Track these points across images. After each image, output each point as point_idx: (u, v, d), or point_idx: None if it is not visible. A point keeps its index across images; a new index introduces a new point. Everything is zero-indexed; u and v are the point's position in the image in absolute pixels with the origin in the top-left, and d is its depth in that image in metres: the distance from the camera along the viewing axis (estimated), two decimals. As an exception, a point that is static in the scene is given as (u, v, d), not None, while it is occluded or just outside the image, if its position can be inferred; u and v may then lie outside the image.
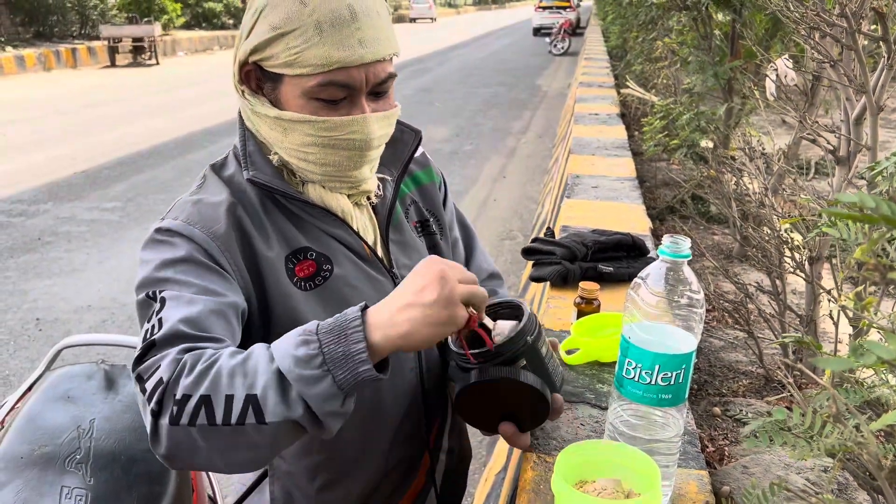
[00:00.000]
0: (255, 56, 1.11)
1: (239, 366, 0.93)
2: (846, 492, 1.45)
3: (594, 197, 3.17)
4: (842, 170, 1.91)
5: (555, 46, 21.56)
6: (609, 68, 9.87)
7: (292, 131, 1.12)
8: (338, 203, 1.20)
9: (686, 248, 1.07)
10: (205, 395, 0.92)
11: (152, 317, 1.01)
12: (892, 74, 1.75)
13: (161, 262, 1.06)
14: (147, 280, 1.06)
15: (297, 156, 1.15)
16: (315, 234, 1.19)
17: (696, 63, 3.56)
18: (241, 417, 0.91)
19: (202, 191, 1.17)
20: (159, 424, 0.93)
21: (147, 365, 0.97)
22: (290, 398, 0.91)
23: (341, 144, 1.12)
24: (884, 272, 0.68)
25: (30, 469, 1.41)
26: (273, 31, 1.07)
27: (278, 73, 1.10)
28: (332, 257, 1.19)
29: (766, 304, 2.25)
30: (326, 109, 1.11)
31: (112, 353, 3.64)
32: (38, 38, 17.70)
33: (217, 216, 1.11)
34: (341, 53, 1.06)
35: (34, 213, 6.40)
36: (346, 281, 1.19)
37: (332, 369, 0.92)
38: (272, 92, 1.14)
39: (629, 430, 1.13)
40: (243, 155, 1.17)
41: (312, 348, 0.92)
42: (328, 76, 1.07)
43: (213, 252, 1.09)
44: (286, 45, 1.06)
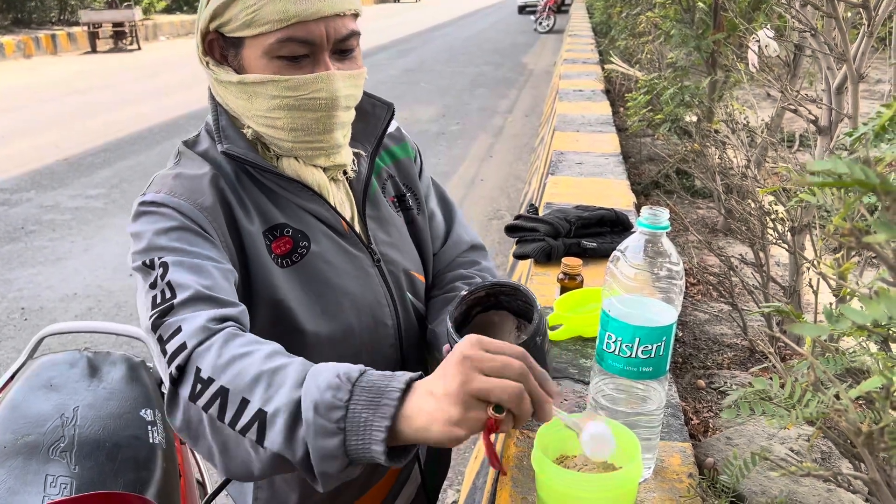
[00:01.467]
0: (214, 22, 1.10)
1: (268, 373, 0.87)
2: (829, 460, 1.46)
3: (578, 173, 3.16)
4: (823, 140, 1.91)
5: (540, 24, 21.44)
6: (593, 44, 9.83)
7: (257, 96, 1.11)
8: (313, 177, 1.18)
9: (664, 220, 1.06)
10: (224, 387, 0.87)
11: (157, 282, 1.00)
12: (872, 42, 1.74)
13: (154, 231, 1.05)
14: (142, 249, 1.05)
15: (265, 123, 1.13)
16: (291, 210, 1.18)
17: (679, 36, 3.54)
18: (245, 429, 0.86)
19: (180, 165, 1.15)
20: (178, 393, 0.91)
21: (167, 325, 0.95)
22: (296, 436, 0.83)
23: (307, 105, 1.11)
24: (859, 236, 0.67)
25: (13, 458, 1.40)
26: None
27: (239, 36, 1.09)
28: (309, 233, 1.18)
29: (751, 276, 2.25)
30: (290, 68, 1.09)
31: (97, 340, 3.62)
32: (16, 25, 17.45)
33: (201, 188, 1.10)
34: (298, 7, 1.05)
35: (17, 201, 6.34)
36: (324, 258, 1.18)
37: (348, 431, 0.81)
38: (235, 59, 1.13)
39: (611, 404, 1.13)
40: (216, 129, 1.16)
41: (340, 398, 0.82)
42: (287, 31, 1.06)
43: (201, 223, 1.08)
44: (244, 5, 1.06)
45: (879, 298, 0.63)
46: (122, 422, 1.54)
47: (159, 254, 1.02)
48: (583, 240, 2.04)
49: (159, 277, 1.00)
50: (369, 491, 1.37)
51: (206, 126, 1.21)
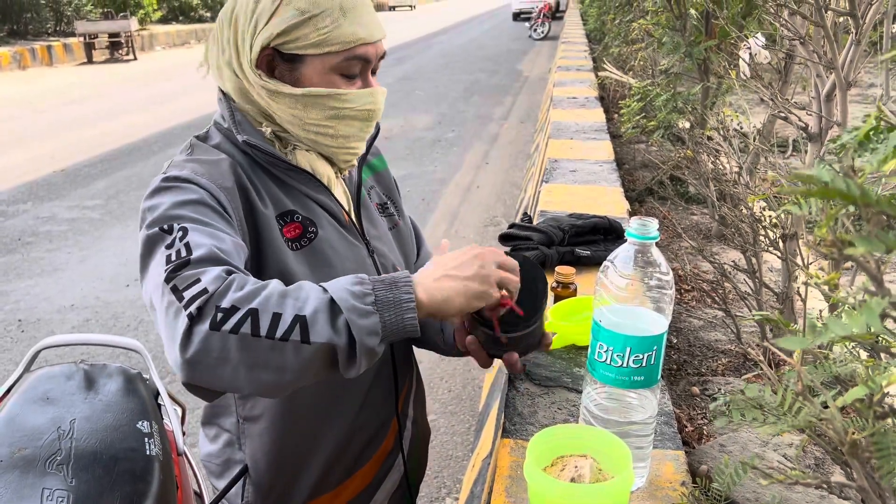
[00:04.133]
0: (278, 40, 1.18)
1: (291, 291, 1.00)
2: (823, 466, 1.47)
3: (572, 181, 3.17)
4: (814, 146, 1.92)
5: (535, 31, 21.51)
6: (587, 51, 9.86)
7: (314, 106, 1.21)
8: (324, 170, 1.29)
9: (654, 230, 1.07)
10: (253, 308, 0.96)
11: (174, 243, 1.04)
12: (861, 49, 1.76)
13: (174, 203, 1.10)
14: (160, 217, 1.09)
15: (317, 130, 1.24)
16: (300, 199, 1.27)
17: (671, 43, 3.56)
18: (287, 334, 0.96)
19: (194, 154, 1.23)
20: (195, 329, 0.96)
21: (184, 276, 1.00)
22: (338, 324, 0.97)
23: (358, 115, 1.24)
24: (841, 247, 0.69)
25: (10, 472, 1.40)
26: (301, 14, 1.16)
27: (301, 54, 1.19)
28: (316, 221, 1.27)
29: (744, 282, 2.26)
30: (345, 84, 1.22)
31: (94, 353, 3.62)
32: (12, 37, 17.46)
33: (222, 171, 1.18)
34: (363, 31, 1.19)
35: (14, 213, 6.35)
36: (329, 243, 1.27)
37: (381, 310, 1.00)
38: (289, 73, 1.22)
39: (603, 414, 1.14)
40: (233, 122, 1.24)
41: (366, 288, 1.01)
42: (353, 51, 1.19)
43: (222, 201, 1.14)
44: (315, 27, 1.17)
45: (861, 309, 0.64)
46: (118, 434, 1.54)
47: (179, 221, 1.08)
48: (576, 248, 2.05)
49: (178, 239, 1.05)
50: (354, 475, 1.41)
51: (216, 125, 1.29)
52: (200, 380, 1.00)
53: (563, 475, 1.01)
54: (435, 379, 3.75)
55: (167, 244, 1.05)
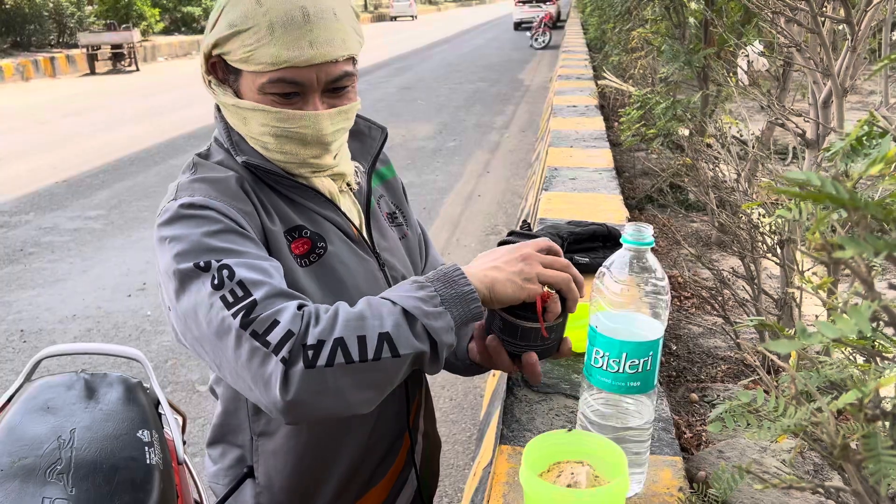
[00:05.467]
0: (217, 50, 1.17)
1: (364, 310, 1.03)
2: (822, 472, 1.47)
3: (572, 189, 3.18)
4: (811, 153, 1.93)
5: (536, 40, 21.59)
6: (588, 60, 9.89)
7: (250, 120, 1.18)
8: (324, 185, 1.26)
9: (649, 236, 1.08)
10: (338, 337, 0.99)
11: (222, 283, 1.03)
12: (857, 57, 1.76)
13: (201, 234, 1.08)
14: (190, 251, 1.07)
15: (258, 143, 1.21)
16: (307, 214, 1.24)
17: (670, 52, 3.57)
18: (378, 353, 1.00)
19: (199, 173, 1.20)
20: (291, 372, 0.98)
21: (262, 319, 1.00)
22: (418, 331, 1.02)
23: (294, 136, 1.18)
24: (830, 251, 0.69)
25: (10, 481, 1.40)
26: (230, 28, 1.12)
27: (236, 67, 1.16)
28: (325, 236, 1.24)
29: (743, 289, 2.26)
30: (281, 103, 1.16)
31: (95, 362, 3.63)
32: (15, 48, 17.56)
33: (233, 191, 1.16)
34: (290, 53, 1.10)
35: (16, 223, 6.37)
36: (339, 258, 1.25)
37: (449, 308, 1.05)
38: (234, 83, 1.20)
39: (600, 419, 1.14)
40: (230, 143, 1.23)
41: (430, 291, 1.05)
42: (277, 74, 1.12)
43: (241, 223, 1.13)
44: (242, 43, 1.12)
45: (852, 312, 0.65)
46: (119, 443, 1.54)
47: (216, 255, 1.06)
48: (575, 255, 2.05)
49: (226, 278, 1.04)
50: (369, 493, 1.39)
51: (216, 141, 1.27)
52: (305, 416, 1.04)
53: (559, 481, 1.01)
54: (436, 388, 3.75)
55: (214, 284, 1.04)
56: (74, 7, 19.09)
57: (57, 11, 18.48)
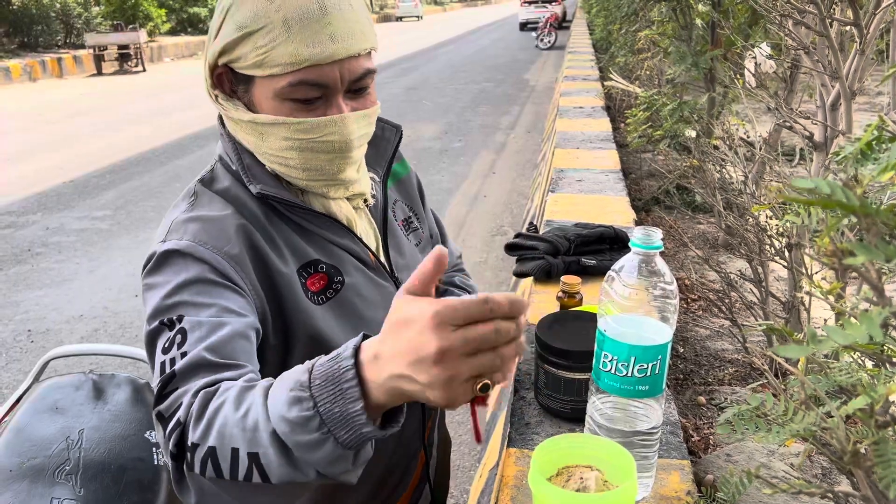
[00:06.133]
0: (224, 58, 1.06)
1: (241, 419, 0.83)
2: (830, 476, 1.47)
3: (578, 190, 3.18)
4: (819, 155, 1.93)
5: (541, 41, 21.56)
6: (594, 61, 9.88)
7: (269, 135, 1.08)
8: (341, 211, 1.17)
9: (657, 240, 1.08)
10: (211, 446, 0.84)
11: (172, 348, 0.94)
12: (865, 59, 1.76)
13: (174, 286, 1.00)
14: (161, 307, 0.99)
15: (277, 161, 1.11)
16: (322, 245, 1.16)
17: (677, 53, 3.57)
18: (248, 475, 0.83)
19: (197, 207, 1.10)
20: (177, 466, 0.87)
21: (168, 403, 0.90)
22: (296, 462, 0.81)
23: (320, 147, 1.08)
24: (841, 257, 0.69)
25: (19, 482, 1.41)
26: (240, 30, 1.03)
27: (249, 74, 1.06)
28: (342, 268, 1.17)
29: (751, 291, 2.26)
30: (302, 110, 1.06)
31: (102, 362, 3.64)
32: (22, 49, 17.62)
33: (227, 235, 1.06)
34: (311, 50, 1.01)
35: (23, 224, 6.39)
36: (357, 291, 1.18)
37: (332, 430, 0.79)
38: (245, 94, 1.09)
39: (608, 423, 1.14)
40: (242, 168, 1.12)
41: (306, 408, 0.79)
42: (299, 75, 1.03)
43: (226, 271, 1.03)
44: (254, 45, 1.02)
45: (862, 318, 0.65)
46: (127, 444, 1.55)
47: (177, 311, 0.97)
48: (582, 257, 2.05)
49: (176, 345, 0.94)
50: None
51: (222, 161, 1.17)
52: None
53: (568, 486, 1.01)
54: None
55: (165, 347, 0.95)
56: (81, 8, 19.14)
57: (64, 12, 18.54)
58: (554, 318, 1.50)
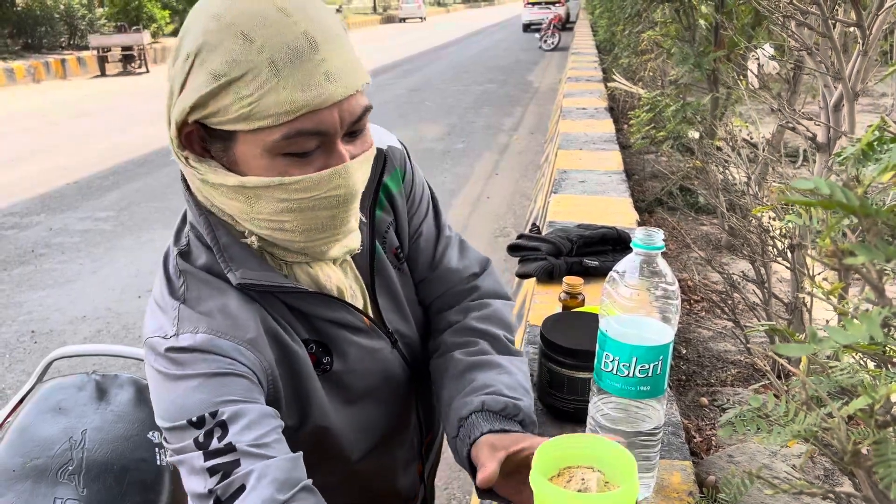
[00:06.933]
0: (196, 114, 0.91)
1: None
2: (832, 477, 1.47)
3: (581, 192, 3.18)
4: (822, 156, 1.92)
5: (545, 42, 21.56)
6: (597, 62, 9.88)
7: (259, 199, 0.94)
8: (330, 281, 1.07)
9: (659, 240, 1.08)
10: None
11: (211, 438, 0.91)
12: (868, 60, 1.76)
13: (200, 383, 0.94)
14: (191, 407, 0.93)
15: (270, 227, 0.98)
16: (312, 323, 1.08)
17: (680, 54, 3.57)
18: None
19: (193, 294, 1.00)
20: None
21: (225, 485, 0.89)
22: None
23: (322, 204, 0.95)
24: (841, 257, 0.69)
25: (22, 482, 1.42)
26: (216, 79, 0.87)
27: (229, 129, 0.91)
28: (331, 345, 1.10)
29: (753, 292, 2.26)
30: (297, 164, 0.93)
31: (105, 363, 3.65)
32: (26, 50, 17.67)
33: (243, 319, 0.98)
34: (307, 94, 0.87)
35: (27, 224, 6.40)
36: (351, 370, 1.12)
37: None
38: (223, 154, 0.95)
39: (610, 424, 1.14)
40: (218, 250, 0.99)
41: None
42: (295, 125, 0.89)
43: (246, 362, 0.97)
44: (236, 95, 0.87)
45: (862, 318, 0.65)
46: (129, 444, 1.56)
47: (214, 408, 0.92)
48: (585, 258, 2.05)
49: (216, 439, 0.91)
50: None
51: (194, 231, 1.04)
52: None
53: (569, 487, 1.01)
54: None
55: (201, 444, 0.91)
56: (85, 9, 19.20)
57: (68, 13, 18.59)
58: (558, 317, 1.51)
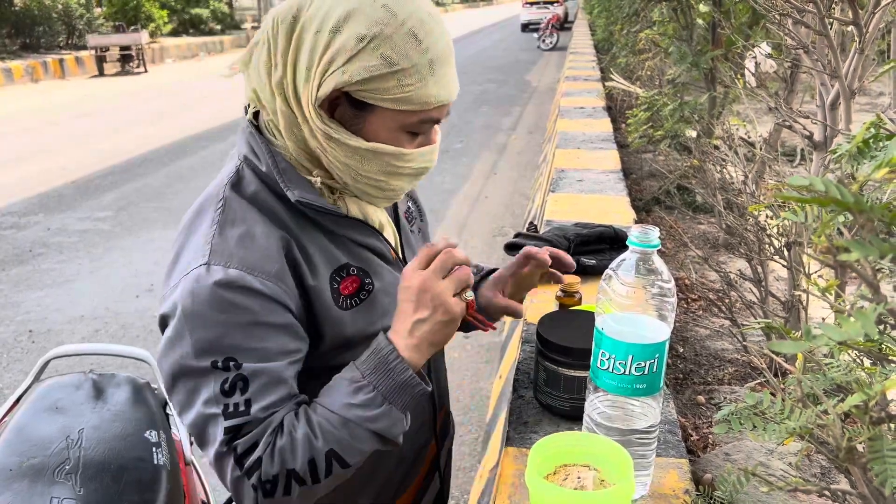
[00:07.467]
0: (354, 87, 1.05)
1: (311, 432, 1.05)
2: (829, 475, 1.47)
3: (579, 190, 3.18)
4: (819, 155, 1.93)
5: (543, 42, 21.55)
6: (595, 62, 9.88)
7: (372, 161, 1.10)
8: (376, 215, 1.23)
9: (655, 238, 1.08)
10: (290, 469, 1.03)
11: (234, 391, 1.04)
12: (865, 59, 1.76)
13: (228, 328, 1.04)
14: (211, 345, 1.04)
15: (367, 182, 1.13)
16: (350, 248, 1.19)
17: (677, 53, 3.57)
18: (329, 470, 1.05)
19: (229, 216, 1.11)
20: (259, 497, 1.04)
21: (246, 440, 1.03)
22: (364, 437, 1.05)
23: (412, 172, 1.14)
24: (835, 254, 0.69)
25: (19, 481, 1.41)
26: (389, 66, 1.03)
27: (379, 105, 1.07)
28: (370, 270, 1.20)
29: (750, 291, 2.26)
30: (408, 140, 1.12)
31: (103, 362, 3.64)
32: (24, 50, 17.64)
33: (270, 252, 1.08)
34: (445, 92, 1.08)
35: (25, 224, 6.40)
36: (385, 291, 1.21)
37: (392, 401, 1.06)
38: (352, 119, 1.09)
39: (606, 422, 1.14)
40: (277, 172, 1.11)
41: (368, 392, 1.05)
42: (430, 113, 1.09)
43: (278, 297, 1.07)
44: (399, 82, 1.04)
45: (857, 315, 0.65)
46: (126, 443, 1.55)
47: (235, 355, 1.04)
48: (582, 257, 2.05)
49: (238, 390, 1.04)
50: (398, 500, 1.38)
51: (248, 163, 1.15)
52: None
53: (565, 485, 1.01)
54: (443, 389, 3.75)
55: (224, 390, 1.04)
56: (83, 9, 19.15)
57: (66, 13, 18.55)
58: (555, 315, 1.51)
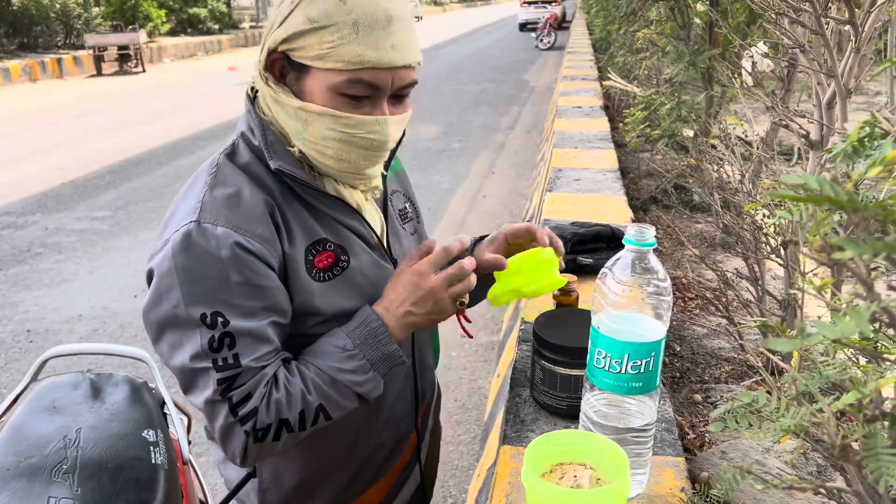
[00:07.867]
0: (285, 45, 1.12)
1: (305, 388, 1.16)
2: (825, 473, 1.47)
3: (576, 190, 3.18)
4: (815, 154, 1.93)
5: (541, 41, 21.55)
6: (593, 61, 9.89)
7: (313, 123, 1.14)
8: (352, 197, 1.25)
9: (651, 237, 1.08)
10: (283, 418, 1.14)
11: (221, 347, 1.11)
12: (861, 58, 1.76)
13: (216, 283, 1.10)
14: (199, 298, 1.10)
15: (315, 148, 1.17)
16: (331, 225, 1.24)
17: (675, 53, 3.57)
18: (315, 421, 1.17)
19: (220, 179, 1.17)
20: (249, 444, 1.15)
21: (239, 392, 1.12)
22: (349, 395, 1.18)
23: (360, 143, 1.16)
24: (830, 253, 0.69)
25: (16, 481, 1.41)
26: (310, 23, 1.08)
27: (306, 64, 1.12)
28: (348, 248, 1.24)
29: (747, 289, 2.26)
30: (349, 106, 1.13)
31: (101, 362, 3.64)
32: (22, 50, 17.61)
33: (256, 214, 1.15)
34: (374, 54, 1.09)
35: (23, 224, 6.39)
36: (361, 271, 1.26)
37: (377, 369, 1.19)
38: (295, 82, 1.15)
39: (602, 420, 1.14)
40: (264, 144, 1.18)
41: (359, 360, 1.17)
42: (358, 74, 1.10)
43: (264, 257, 1.14)
44: (320, 39, 1.08)
45: (851, 313, 0.65)
46: (124, 443, 1.55)
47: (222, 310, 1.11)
48: (579, 256, 2.06)
49: (226, 346, 1.11)
50: (374, 485, 1.42)
51: (244, 137, 1.22)
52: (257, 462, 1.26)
53: (561, 483, 1.01)
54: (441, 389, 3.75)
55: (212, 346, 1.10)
56: (81, 8, 19.12)
57: (64, 13, 18.53)
58: (551, 315, 1.51)
